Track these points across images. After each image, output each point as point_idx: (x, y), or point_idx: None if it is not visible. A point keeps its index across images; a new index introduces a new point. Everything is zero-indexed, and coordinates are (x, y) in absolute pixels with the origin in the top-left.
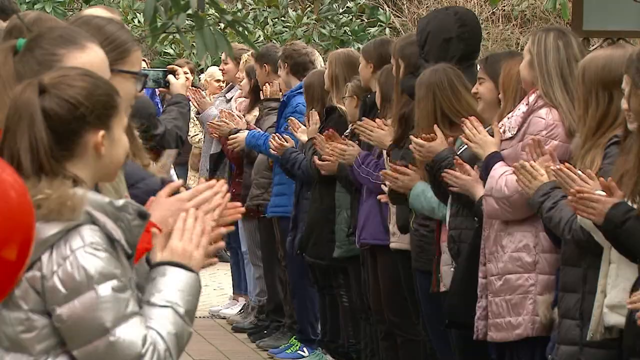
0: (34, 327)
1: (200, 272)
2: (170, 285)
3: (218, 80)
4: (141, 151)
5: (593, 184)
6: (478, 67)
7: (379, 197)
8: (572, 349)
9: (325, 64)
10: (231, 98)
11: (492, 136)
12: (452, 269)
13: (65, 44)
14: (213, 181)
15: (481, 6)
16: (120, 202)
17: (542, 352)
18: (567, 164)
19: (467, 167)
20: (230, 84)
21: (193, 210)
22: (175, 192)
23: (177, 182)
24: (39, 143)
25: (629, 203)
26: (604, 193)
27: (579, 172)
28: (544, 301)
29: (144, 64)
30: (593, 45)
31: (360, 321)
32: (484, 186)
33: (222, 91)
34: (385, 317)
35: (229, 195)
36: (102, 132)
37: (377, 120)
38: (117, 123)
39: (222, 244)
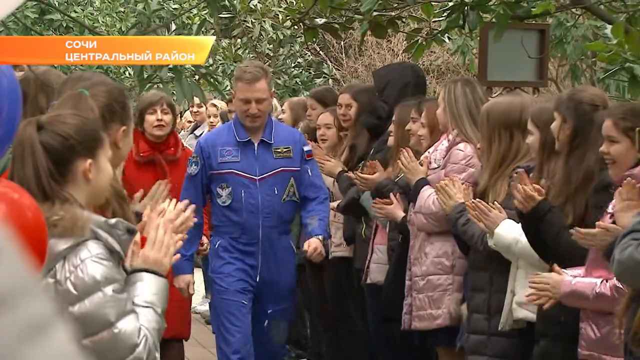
0: None
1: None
2: (148, 290)
3: (190, 122)
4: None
5: (501, 215)
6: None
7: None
8: (481, 338)
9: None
10: (200, 134)
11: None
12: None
13: None
14: (186, 201)
15: (404, 60)
16: (113, 220)
17: (454, 338)
18: (479, 200)
19: (387, 201)
20: (196, 122)
21: (162, 223)
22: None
23: (164, 204)
24: (41, 169)
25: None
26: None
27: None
28: (454, 298)
29: None
30: (495, 93)
31: (306, 314)
32: (405, 208)
33: (189, 128)
34: (326, 312)
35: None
36: (89, 161)
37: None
38: (103, 154)
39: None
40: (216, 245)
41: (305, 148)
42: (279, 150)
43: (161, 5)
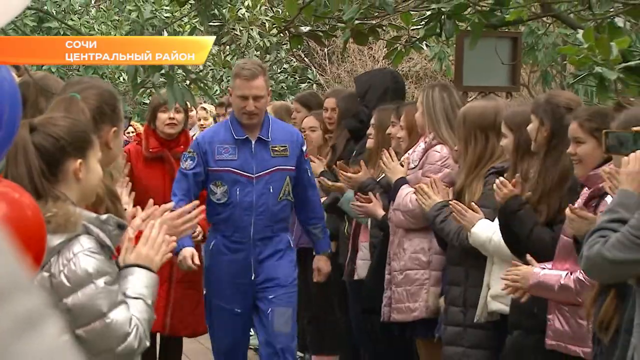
0: None
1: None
2: (139, 283)
3: None
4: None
5: (477, 215)
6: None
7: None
8: (457, 329)
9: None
10: (193, 135)
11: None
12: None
13: None
14: (196, 202)
15: (384, 67)
16: (104, 216)
17: (432, 330)
18: (456, 201)
19: (367, 198)
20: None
21: (157, 223)
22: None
23: (170, 204)
24: (33, 168)
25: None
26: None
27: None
28: (433, 292)
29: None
30: (470, 97)
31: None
32: (386, 206)
33: None
34: (310, 306)
35: (203, 215)
36: (79, 161)
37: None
38: (93, 155)
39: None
40: (210, 247)
41: (304, 148)
42: (275, 148)
43: (154, 14)
